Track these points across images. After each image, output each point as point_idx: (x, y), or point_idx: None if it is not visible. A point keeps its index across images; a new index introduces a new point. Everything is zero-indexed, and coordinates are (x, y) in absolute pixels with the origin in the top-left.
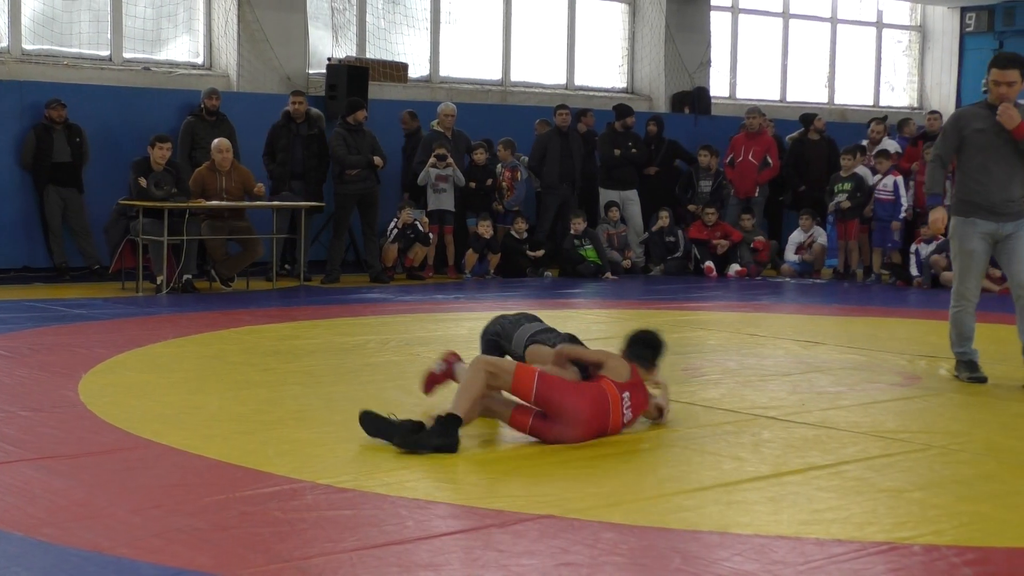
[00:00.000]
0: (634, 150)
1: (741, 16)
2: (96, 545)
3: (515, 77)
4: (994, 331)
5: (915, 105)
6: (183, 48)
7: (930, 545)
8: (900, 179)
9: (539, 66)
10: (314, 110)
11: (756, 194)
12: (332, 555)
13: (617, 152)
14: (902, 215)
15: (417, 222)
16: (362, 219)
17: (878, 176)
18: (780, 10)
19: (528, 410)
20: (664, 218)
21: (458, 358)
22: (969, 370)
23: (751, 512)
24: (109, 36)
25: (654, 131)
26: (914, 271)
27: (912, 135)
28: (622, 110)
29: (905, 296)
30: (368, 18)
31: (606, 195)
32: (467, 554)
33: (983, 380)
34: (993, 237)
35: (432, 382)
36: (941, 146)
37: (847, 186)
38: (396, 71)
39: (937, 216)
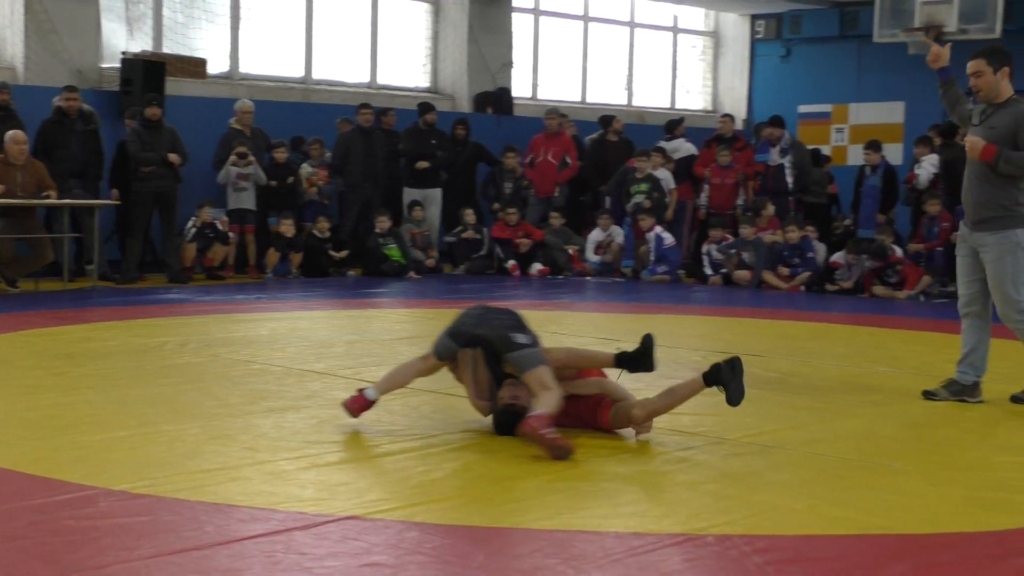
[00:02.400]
0: (439, 149)
1: (542, 18)
2: None
3: (317, 75)
4: (781, 328)
5: (709, 108)
6: None
7: (723, 535)
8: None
9: (342, 64)
10: (87, 106)
11: (556, 193)
12: (128, 563)
13: (424, 165)
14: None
15: (216, 221)
16: (160, 218)
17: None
18: (581, 13)
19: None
20: (469, 215)
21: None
22: (949, 390)
23: (553, 507)
24: None
25: (463, 135)
26: (708, 270)
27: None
28: (425, 107)
29: (701, 294)
30: (165, 12)
31: (409, 194)
32: (269, 558)
33: (932, 398)
34: (971, 245)
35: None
36: None
37: (644, 187)
38: (194, 66)
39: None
